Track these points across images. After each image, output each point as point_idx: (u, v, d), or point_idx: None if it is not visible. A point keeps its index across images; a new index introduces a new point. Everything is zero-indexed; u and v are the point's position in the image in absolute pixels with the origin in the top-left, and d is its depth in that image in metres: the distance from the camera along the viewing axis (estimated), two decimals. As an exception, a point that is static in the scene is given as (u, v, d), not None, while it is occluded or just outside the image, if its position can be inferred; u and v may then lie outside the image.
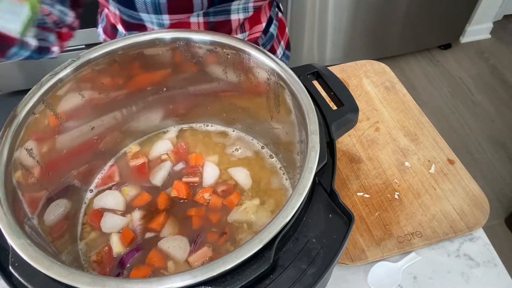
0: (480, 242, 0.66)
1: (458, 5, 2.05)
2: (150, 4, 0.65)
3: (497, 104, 2.07)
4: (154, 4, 0.65)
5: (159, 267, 0.54)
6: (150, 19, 0.69)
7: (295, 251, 0.40)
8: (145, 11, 0.67)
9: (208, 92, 0.64)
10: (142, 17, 0.69)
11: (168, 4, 0.66)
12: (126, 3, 0.67)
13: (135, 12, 0.68)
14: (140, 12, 0.67)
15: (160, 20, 0.69)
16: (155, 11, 0.67)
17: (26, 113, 0.48)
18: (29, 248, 0.38)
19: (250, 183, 0.63)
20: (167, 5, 0.66)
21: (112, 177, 0.64)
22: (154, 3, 0.65)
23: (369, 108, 0.84)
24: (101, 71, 0.55)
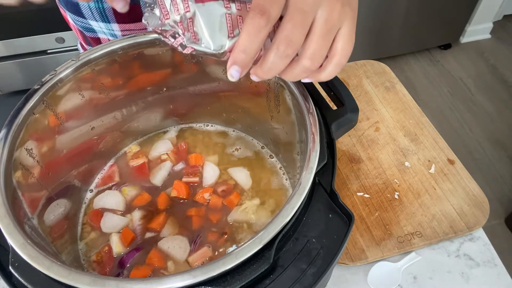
0: (480, 242, 0.66)
1: (458, 5, 2.05)
2: (96, 10, 0.63)
3: (497, 104, 2.07)
4: (99, 10, 0.63)
5: (159, 267, 0.54)
6: (100, 28, 0.67)
7: (295, 251, 0.40)
8: (92, 18, 0.64)
9: (208, 92, 0.64)
10: (92, 25, 0.66)
11: (113, 10, 0.63)
12: (74, 10, 0.65)
13: (84, 19, 0.65)
14: (89, 20, 0.65)
15: (110, 30, 0.67)
16: (102, 18, 0.64)
17: (26, 113, 0.48)
18: (29, 248, 0.38)
19: (250, 183, 0.63)
20: (113, 10, 0.63)
21: (112, 177, 0.64)
22: (98, 8, 0.62)
23: (369, 108, 0.84)
24: (101, 71, 0.55)
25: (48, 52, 1.82)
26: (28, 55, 1.81)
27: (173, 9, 0.36)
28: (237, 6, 0.36)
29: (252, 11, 0.33)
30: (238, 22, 0.36)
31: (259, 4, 0.33)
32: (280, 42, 0.34)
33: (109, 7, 0.62)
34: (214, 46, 0.36)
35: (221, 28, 0.36)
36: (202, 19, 0.36)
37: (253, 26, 0.33)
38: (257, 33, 0.33)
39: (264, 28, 0.33)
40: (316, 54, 0.35)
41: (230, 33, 0.36)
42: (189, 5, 0.36)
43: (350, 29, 0.36)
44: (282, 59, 0.35)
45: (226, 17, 0.36)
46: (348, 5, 0.36)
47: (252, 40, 0.34)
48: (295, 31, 0.34)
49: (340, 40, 0.36)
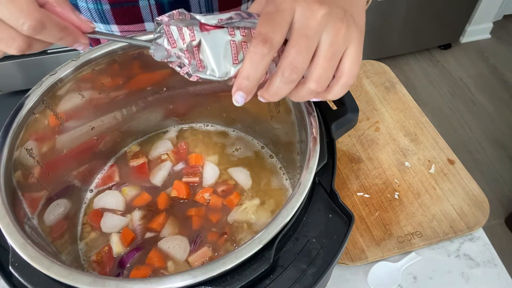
0: (480, 242, 0.66)
1: (458, 5, 2.05)
2: (95, 11, 0.63)
3: (497, 104, 2.07)
4: (98, 11, 0.63)
5: (159, 267, 0.54)
6: (100, 30, 0.66)
7: (295, 251, 0.40)
8: (92, 19, 0.64)
9: (208, 92, 0.64)
10: None
11: (112, 11, 0.63)
12: None
13: None
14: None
15: (109, 31, 0.66)
16: (101, 19, 0.64)
17: (26, 113, 0.48)
18: (29, 248, 0.38)
19: (250, 183, 0.63)
20: (112, 12, 0.63)
21: (112, 177, 0.64)
22: (98, 10, 0.62)
23: (369, 108, 0.84)
24: (101, 71, 0.55)
25: (48, 52, 1.82)
26: (28, 55, 1.81)
27: (180, 38, 0.37)
28: (241, 32, 0.37)
29: (254, 39, 0.33)
30: (243, 48, 0.37)
31: (261, 32, 0.33)
32: (284, 68, 0.34)
33: (108, 8, 0.62)
34: (219, 73, 0.37)
35: (225, 55, 0.36)
36: (207, 47, 0.36)
37: (256, 54, 0.33)
38: (260, 61, 0.34)
39: (267, 55, 0.33)
40: (321, 77, 0.35)
41: (235, 59, 0.37)
42: (194, 34, 0.36)
43: (357, 49, 0.36)
44: (287, 84, 0.35)
45: (230, 44, 0.36)
46: (354, 26, 0.35)
47: (255, 68, 0.34)
48: (299, 57, 0.34)
49: (346, 61, 0.36)
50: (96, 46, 0.54)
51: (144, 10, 0.64)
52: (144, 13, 0.64)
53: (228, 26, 0.36)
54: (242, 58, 0.36)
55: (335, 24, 0.34)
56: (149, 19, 0.65)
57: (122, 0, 0.62)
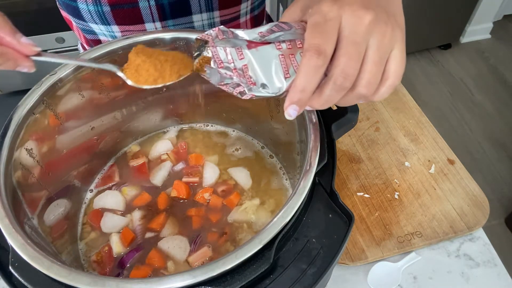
0: (480, 242, 0.66)
1: (458, 5, 2.05)
2: (95, 13, 0.63)
3: (497, 104, 2.07)
4: (98, 13, 0.63)
5: (159, 267, 0.54)
6: (101, 30, 0.67)
7: (295, 251, 0.40)
8: (92, 21, 0.64)
9: (208, 92, 0.64)
10: (93, 28, 0.66)
11: (112, 13, 0.63)
12: (74, 13, 0.65)
13: (84, 22, 0.65)
14: (89, 23, 0.65)
15: (110, 32, 0.67)
16: (102, 21, 0.64)
17: (26, 113, 0.48)
18: (29, 248, 0.38)
19: (250, 183, 0.63)
20: (112, 14, 0.63)
21: (112, 177, 0.64)
22: (98, 11, 0.62)
23: (369, 108, 0.84)
24: (101, 71, 0.55)
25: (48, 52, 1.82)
26: (28, 55, 1.81)
27: (227, 58, 0.36)
28: (287, 45, 0.36)
29: (308, 51, 0.33)
30: (292, 61, 0.36)
31: (314, 44, 0.33)
32: (337, 77, 0.34)
33: (108, 10, 0.63)
34: (272, 89, 0.36)
35: (276, 71, 0.36)
36: (257, 64, 0.36)
37: (310, 67, 0.33)
38: (314, 73, 0.33)
39: (321, 67, 0.33)
40: (371, 81, 0.35)
41: (286, 73, 0.36)
42: (243, 52, 0.36)
43: (401, 50, 0.36)
44: (339, 92, 0.35)
45: (280, 58, 0.36)
46: (397, 27, 0.36)
47: (310, 80, 0.34)
48: (351, 64, 0.34)
49: (392, 62, 0.36)
50: (96, 46, 0.54)
51: (144, 11, 0.64)
52: (144, 14, 0.64)
53: (275, 41, 0.36)
54: (293, 72, 0.36)
55: (380, 28, 0.34)
56: (149, 19, 0.65)
57: (122, 2, 0.62)
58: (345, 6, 0.34)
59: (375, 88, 0.37)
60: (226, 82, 0.37)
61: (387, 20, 0.35)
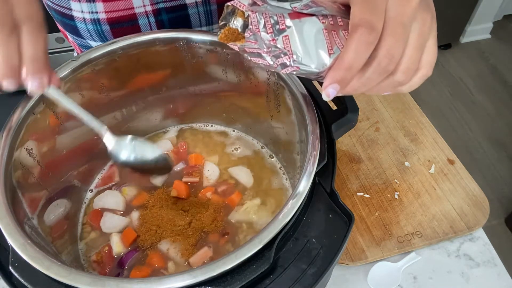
0: (480, 242, 0.66)
1: (458, 5, 2.05)
2: (94, 32, 0.62)
3: (497, 104, 2.07)
4: (97, 32, 0.62)
5: (159, 267, 0.54)
6: None
7: (295, 251, 0.40)
8: (91, 38, 0.64)
9: (208, 92, 0.64)
10: (92, 44, 0.66)
11: (112, 31, 0.63)
12: (72, 31, 0.65)
13: (83, 39, 0.65)
14: (87, 40, 0.65)
15: None
16: (100, 39, 0.64)
17: (26, 113, 0.48)
18: (29, 248, 0.38)
19: (251, 181, 0.63)
20: (112, 32, 0.63)
21: (112, 177, 0.64)
22: (97, 30, 0.62)
23: (369, 108, 0.84)
24: (101, 71, 0.55)
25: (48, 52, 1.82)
26: (28, 55, 1.81)
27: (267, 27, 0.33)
28: (330, 20, 0.34)
29: (360, 27, 0.31)
30: (334, 38, 0.33)
31: (367, 20, 0.31)
32: (382, 58, 0.32)
33: (108, 29, 0.62)
34: (317, 64, 0.34)
35: (320, 46, 0.33)
36: (299, 36, 0.33)
37: (362, 43, 0.31)
38: (365, 50, 0.32)
39: (372, 44, 0.31)
40: (410, 68, 0.34)
41: (330, 49, 0.33)
42: (285, 22, 0.33)
43: (435, 40, 0.35)
44: (381, 75, 0.34)
45: (323, 33, 0.33)
46: (434, 17, 0.35)
47: (359, 57, 0.32)
48: (397, 45, 0.32)
49: (427, 52, 0.35)
50: (96, 46, 0.54)
51: (144, 28, 0.64)
52: (144, 31, 0.64)
53: (317, 13, 0.33)
54: (336, 49, 0.33)
55: (423, 14, 0.33)
56: None
57: (122, 20, 0.62)
58: None
59: (412, 76, 0.35)
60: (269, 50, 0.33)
61: (427, 7, 0.34)
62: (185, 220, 0.56)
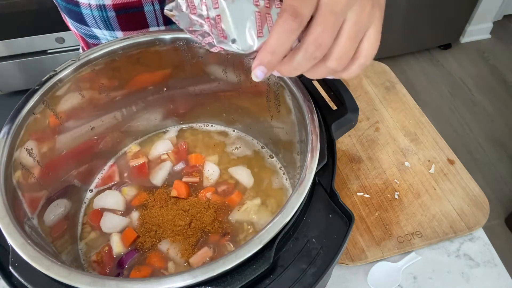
0: (480, 242, 0.66)
1: (458, 5, 2.05)
2: (99, 18, 0.62)
3: (497, 104, 2.07)
4: (103, 18, 0.62)
5: (159, 267, 0.54)
6: (104, 35, 0.66)
7: (295, 251, 0.40)
8: (96, 26, 0.64)
9: (208, 92, 0.64)
10: (96, 33, 0.66)
11: (118, 18, 0.62)
12: (77, 18, 0.64)
13: (87, 27, 0.65)
14: (92, 28, 0.65)
15: (114, 37, 0.66)
16: (106, 26, 0.64)
17: (26, 113, 0.48)
18: (29, 248, 0.38)
19: (252, 181, 0.63)
20: (117, 19, 0.63)
21: (112, 177, 0.64)
22: (102, 17, 0.62)
23: (369, 108, 0.84)
24: (101, 71, 0.55)
25: (48, 52, 1.82)
26: (28, 55, 1.81)
27: (201, 4, 0.34)
28: (265, 2, 0.35)
29: (284, 12, 0.32)
30: (267, 20, 0.35)
31: (292, 6, 0.31)
32: (309, 45, 0.33)
33: (113, 15, 0.62)
34: (243, 46, 0.35)
35: (250, 27, 0.34)
36: (231, 16, 0.34)
37: (285, 29, 0.32)
38: (288, 36, 0.32)
39: (296, 30, 0.32)
40: (343, 56, 0.34)
41: (259, 32, 0.35)
42: (218, 1, 0.34)
43: (377, 30, 0.35)
44: (309, 61, 0.34)
45: (255, 15, 0.34)
46: (377, 5, 0.35)
47: (283, 43, 0.32)
48: (325, 34, 0.33)
49: (366, 41, 0.35)
50: (96, 46, 0.54)
51: (149, 15, 0.64)
52: (149, 18, 0.64)
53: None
54: (266, 32, 0.34)
55: (361, 3, 0.33)
56: (154, 24, 0.65)
57: (127, 7, 0.62)
58: None
59: (346, 64, 0.35)
60: (195, 29, 0.35)
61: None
62: (185, 220, 0.56)
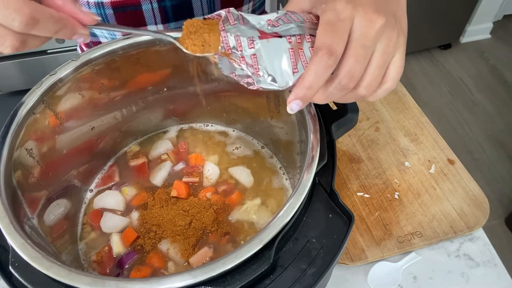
0: (480, 242, 0.66)
1: (458, 5, 2.05)
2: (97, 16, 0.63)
3: (497, 104, 2.07)
4: (100, 16, 0.62)
5: (159, 268, 0.54)
6: (102, 33, 0.66)
7: (295, 251, 0.40)
8: None
9: (208, 92, 0.64)
10: (94, 31, 0.66)
11: (115, 16, 0.63)
12: None
13: None
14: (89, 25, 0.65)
15: (112, 35, 0.66)
16: None
17: (26, 113, 0.48)
18: (29, 248, 0.38)
19: (252, 181, 0.63)
20: (115, 17, 0.63)
21: (112, 177, 0.64)
22: (100, 15, 0.62)
23: (369, 108, 0.84)
24: (101, 71, 0.55)
25: (48, 52, 1.82)
26: (28, 55, 1.81)
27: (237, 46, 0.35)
28: (297, 39, 0.36)
29: (320, 50, 0.33)
30: (300, 56, 0.36)
31: (326, 44, 0.33)
32: (342, 78, 0.35)
33: (111, 13, 0.62)
34: (280, 83, 0.36)
35: (285, 64, 0.36)
36: (266, 55, 0.35)
37: (321, 66, 0.33)
38: (324, 72, 0.34)
39: (331, 67, 0.34)
40: (372, 84, 0.36)
41: (294, 68, 0.36)
42: (253, 42, 0.35)
43: (402, 56, 0.37)
44: (341, 91, 0.36)
45: (289, 52, 0.36)
46: (402, 33, 0.36)
47: (319, 78, 0.34)
48: (357, 66, 0.34)
49: (392, 67, 0.37)
50: (96, 46, 0.54)
51: (147, 13, 0.63)
52: (147, 17, 0.64)
53: (285, 34, 0.36)
54: (301, 67, 0.36)
55: (388, 33, 0.35)
56: (151, 22, 0.65)
57: (125, 5, 0.62)
58: (358, 7, 0.34)
59: (374, 91, 0.37)
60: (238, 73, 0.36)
61: (394, 25, 0.35)
62: (185, 220, 0.56)
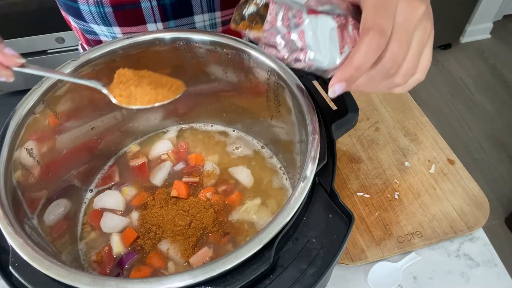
0: (480, 242, 0.66)
1: (458, 5, 2.05)
2: (97, 14, 0.62)
3: (497, 104, 2.07)
4: (100, 14, 0.62)
5: (159, 267, 0.54)
6: (102, 31, 0.66)
7: (295, 251, 0.40)
8: (94, 22, 0.64)
9: (208, 92, 0.64)
10: (94, 28, 0.66)
11: (114, 14, 0.63)
12: (75, 14, 0.65)
13: (85, 23, 0.65)
14: (90, 23, 0.65)
15: (112, 33, 0.66)
16: (103, 22, 0.64)
17: (26, 113, 0.48)
18: (29, 248, 0.38)
19: (252, 181, 0.63)
20: (114, 15, 0.63)
21: (112, 177, 0.64)
22: (99, 12, 0.62)
23: (369, 108, 0.84)
24: (101, 71, 0.55)
25: (48, 52, 1.82)
26: (28, 55, 1.81)
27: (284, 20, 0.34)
28: (342, 19, 0.35)
29: (372, 30, 0.33)
30: (345, 37, 0.35)
31: (378, 24, 0.33)
32: (387, 61, 0.34)
33: (110, 11, 0.62)
34: (328, 62, 0.35)
35: (332, 43, 0.35)
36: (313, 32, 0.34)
37: (373, 46, 0.33)
38: (374, 52, 0.33)
39: (381, 48, 0.33)
40: (408, 72, 0.36)
41: (341, 48, 0.35)
42: (302, 16, 0.34)
43: (431, 48, 0.37)
44: (384, 76, 0.35)
45: (337, 31, 0.35)
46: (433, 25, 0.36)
47: (369, 58, 0.34)
48: (401, 51, 0.34)
49: (423, 57, 0.37)
50: (96, 46, 0.54)
51: (147, 11, 0.64)
52: (146, 15, 0.64)
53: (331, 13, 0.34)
54: (346, 48, 0.35)
55: (426, 22, 0.35)
56: (151, 20, 0.65)
57: (125, 3, 0.62)
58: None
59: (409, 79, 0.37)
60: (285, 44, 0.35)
61: (429, 16, 0.36)
62: (185, 220, 0.56)
